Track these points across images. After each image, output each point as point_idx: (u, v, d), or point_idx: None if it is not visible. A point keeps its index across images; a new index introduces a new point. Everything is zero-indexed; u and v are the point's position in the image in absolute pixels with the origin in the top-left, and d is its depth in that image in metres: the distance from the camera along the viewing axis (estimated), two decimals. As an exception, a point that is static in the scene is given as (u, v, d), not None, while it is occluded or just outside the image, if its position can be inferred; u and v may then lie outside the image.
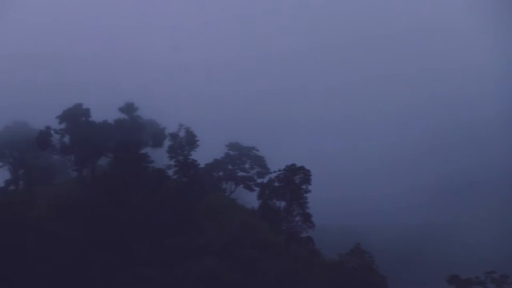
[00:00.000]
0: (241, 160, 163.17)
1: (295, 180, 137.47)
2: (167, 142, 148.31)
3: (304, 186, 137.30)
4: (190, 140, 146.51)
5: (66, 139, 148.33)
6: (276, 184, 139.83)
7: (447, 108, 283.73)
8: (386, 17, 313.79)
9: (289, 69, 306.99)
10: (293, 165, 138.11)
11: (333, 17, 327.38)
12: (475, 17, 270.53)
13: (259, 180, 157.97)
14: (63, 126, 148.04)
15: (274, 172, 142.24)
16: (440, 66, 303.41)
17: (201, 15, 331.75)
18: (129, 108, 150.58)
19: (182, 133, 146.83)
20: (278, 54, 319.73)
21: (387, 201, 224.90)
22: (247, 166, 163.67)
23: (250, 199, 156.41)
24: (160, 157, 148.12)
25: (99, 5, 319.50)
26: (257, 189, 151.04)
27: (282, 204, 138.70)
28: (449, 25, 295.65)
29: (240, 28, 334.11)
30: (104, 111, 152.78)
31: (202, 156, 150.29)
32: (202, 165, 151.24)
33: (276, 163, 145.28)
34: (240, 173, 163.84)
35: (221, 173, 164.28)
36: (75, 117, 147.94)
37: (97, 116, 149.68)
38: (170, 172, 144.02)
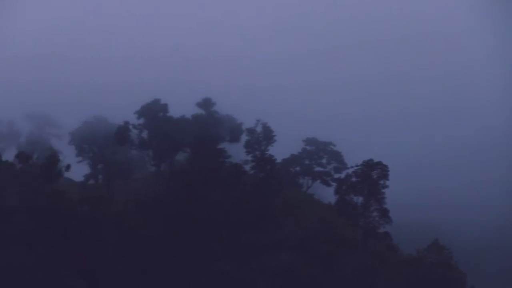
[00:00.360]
0: (318, 155, 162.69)
1: (372, 175, 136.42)
2: (244, 137, 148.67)
3: (381, 182, 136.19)
4: (267, 135, 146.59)
5: (144, 134, 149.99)
6: (354, 179, 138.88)
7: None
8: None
9: (365, 61, 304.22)
10: (371, 160, 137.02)
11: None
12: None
13: (336, 175, 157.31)
14: (141, 121, 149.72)
15: (351, 167, 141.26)
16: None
17: (273, 8, 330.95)
18: (206, 103, 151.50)
19: (259, 128, 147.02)
20: (352, 46, 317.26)
21: (465, 195, 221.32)
22: (324, 161, 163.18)
23: (327, 194, 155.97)
24: (237, 152, 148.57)
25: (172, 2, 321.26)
26: (334, 184, 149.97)
27: (359, 199, 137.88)
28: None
29: (312, 20, 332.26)
30: (181, 106, 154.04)
31: (279, 151, 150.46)
32: (279, 160, 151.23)
33: (353, 158, 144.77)
34: (317, 168, 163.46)
35: (298, 168, 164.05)
36: (153, 112, 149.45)
37: (174, 111, 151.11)
38: (247, 167, 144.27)
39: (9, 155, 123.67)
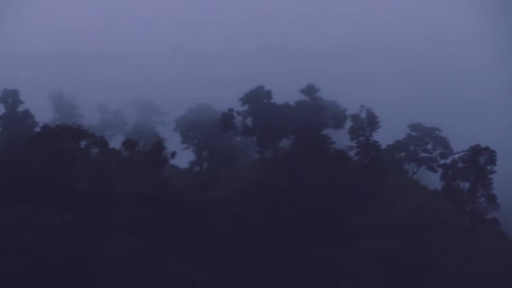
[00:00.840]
0: (423, 141, 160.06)
1: (479, 161, 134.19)
2: (348, 124, 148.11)
3: (489, 167, 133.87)
4: (371, 121, 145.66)
5: (248, 121, 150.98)
6: (460, 165, 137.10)
7: None
8: None
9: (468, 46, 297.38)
10: (478, 145, 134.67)
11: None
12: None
13: (442, 161, 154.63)
14: (245, 108, 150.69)
15: (458, 153, 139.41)
16: None
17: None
18: (310, 90, 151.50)
19: (363, 114, 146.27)
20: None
21: None
22: (429, 147, 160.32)
23: (432, 180, 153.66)
24: (341, 139, 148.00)
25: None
26: (440, 170, 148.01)
27: (466, 185, 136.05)
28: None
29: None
30: (285, 93, 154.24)
31: (384, 137, 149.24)
32: (383, 146, 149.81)
33: (459, 144, 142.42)
34: (423, 154, 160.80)
35: (402, 154, 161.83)
36: (257, 99, 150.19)
37: (278, 98, 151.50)
38: (351, 154, 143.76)
39: (116, 143, 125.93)
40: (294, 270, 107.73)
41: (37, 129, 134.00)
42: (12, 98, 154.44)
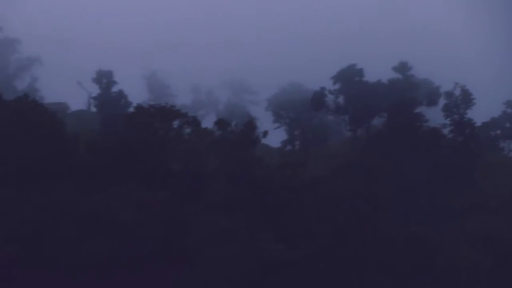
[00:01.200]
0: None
1: None
2: (441, 101, 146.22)
3: None
4: (466, 99, 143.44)
5: (340, 99, 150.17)
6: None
7: None
8: None
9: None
10: None
11: None
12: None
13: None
14: (337, 86, 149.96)
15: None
16: None
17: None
18: (403, 68, 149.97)
19: (457, 92, 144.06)
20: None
21: None
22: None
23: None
24: (434, 116, 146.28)
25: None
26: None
27: None
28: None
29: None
30: (377, 71, 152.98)
31: (478, 114, 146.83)
32: (478, 123, 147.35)
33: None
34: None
35: (498, 132, 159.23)
36: (349, 77, 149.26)
37: (370, 76, 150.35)
38: (445, 131, 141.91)
39: (209, 123, 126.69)
40: (387, 247, 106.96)
41: (131, 109, 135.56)
42: (106, 78, 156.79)
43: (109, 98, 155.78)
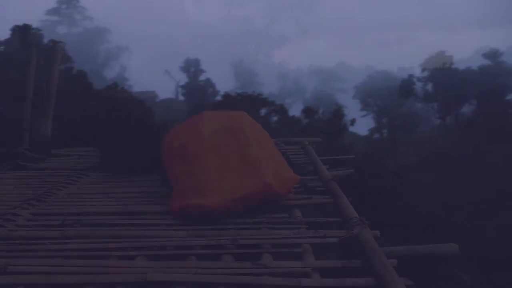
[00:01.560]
0: None
1: None
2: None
3: None
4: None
5: (429, 87, 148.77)
6: None
7: None
8: None
9: None
10: None
11: None
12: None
13: None
14: (425, 74, 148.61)
15: None
16: None
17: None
18: (493, 54, 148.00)
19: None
20: None
21: None
22: None
23: None
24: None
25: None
26: None
27: None
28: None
29: None
30: (467, 59, 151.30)
31: None
32: None
33: None
34: None
35: None
36: (438, 64, 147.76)
37: (460, 64, 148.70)
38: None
39: (296, 111, 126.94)
40: (478, 236, 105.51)
41: (218, 98, 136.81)
42: (194, 67, 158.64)
43: (197, 86, 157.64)
